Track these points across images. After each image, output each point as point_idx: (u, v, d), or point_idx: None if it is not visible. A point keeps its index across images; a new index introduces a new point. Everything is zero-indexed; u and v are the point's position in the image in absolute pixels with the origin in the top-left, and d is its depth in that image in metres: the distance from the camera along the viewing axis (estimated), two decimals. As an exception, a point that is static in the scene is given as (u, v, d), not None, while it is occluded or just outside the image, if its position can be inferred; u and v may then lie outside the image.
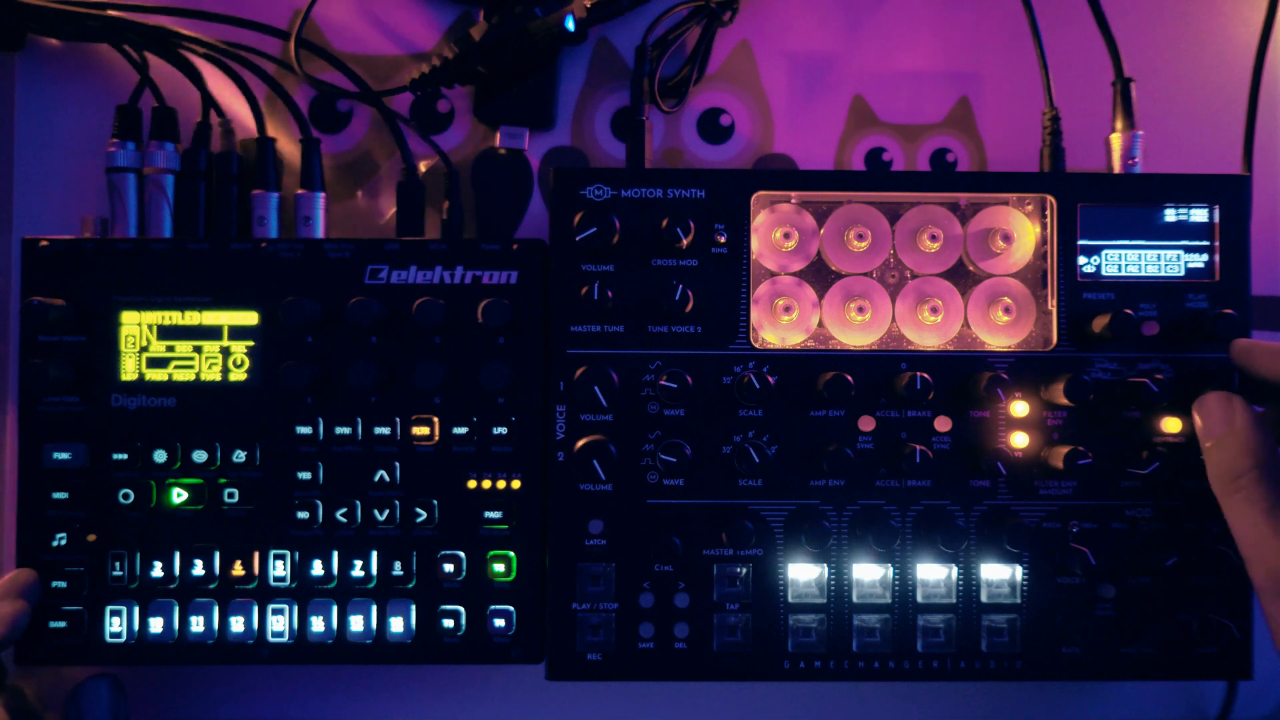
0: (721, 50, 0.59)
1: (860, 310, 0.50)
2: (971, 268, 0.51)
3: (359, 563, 0.50)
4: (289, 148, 0.56)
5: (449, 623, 0.50)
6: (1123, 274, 0.50)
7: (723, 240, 0.50)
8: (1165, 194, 0.50)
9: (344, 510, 0.50)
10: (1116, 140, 0.53)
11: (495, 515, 0.50)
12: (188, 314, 0.50)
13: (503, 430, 0.50)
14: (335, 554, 0.50)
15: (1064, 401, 0.48)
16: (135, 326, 0.50)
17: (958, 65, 0.59)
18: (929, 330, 0.51)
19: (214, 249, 0.50)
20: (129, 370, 0.50)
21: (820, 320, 0.51)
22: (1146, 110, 0.55)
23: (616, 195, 0.50)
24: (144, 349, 0.50)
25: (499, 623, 0.50)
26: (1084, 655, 0.50)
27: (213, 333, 0.50)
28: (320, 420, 0.50)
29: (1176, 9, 0.59)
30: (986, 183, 0.51)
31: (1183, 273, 0.50)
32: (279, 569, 0.50)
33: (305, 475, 0.50)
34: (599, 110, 0.59)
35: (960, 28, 0.59)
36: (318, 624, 0.50)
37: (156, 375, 0.50)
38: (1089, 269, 0.50)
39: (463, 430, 0.50)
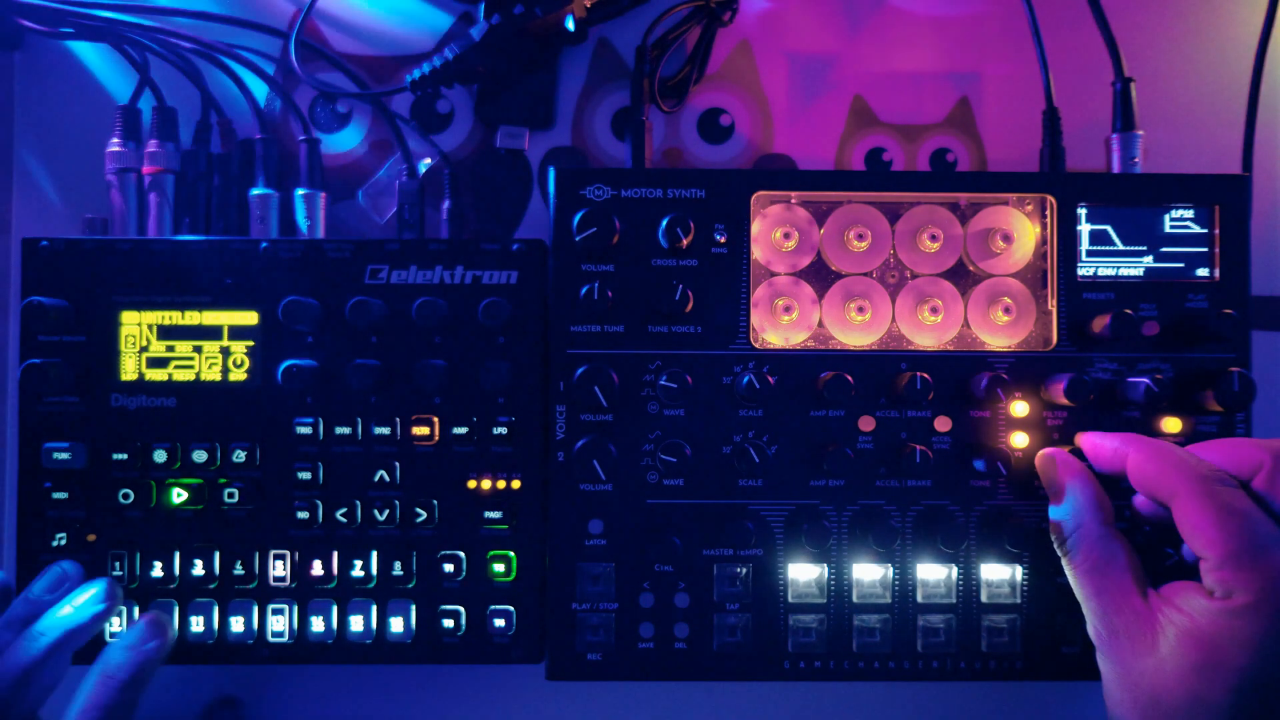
0: (721, 50, 0.59)
1: (860, 310, 0.50)
2: (971, 268, 0.51)
3: (359, 563, 0.50)
4: (289, 148, 0.56)
5: (449, 623, 0.50)
6: (1123, 274, 0.50)
7: (723, 240, 0.50)
8: (1165, 194, 0.50)
9: (344, 510, 0.50)
10: (1116, 140, 0.53)
11: (495, 515, 0.50)
12: (188, 314, 0.50)
13: (503, 430, 0.50)
14: (335, 554, 0.50)
15: (1064, 401, 0.48)
16: (135, 326, 0.50)
17: (958, 65, 0.59)
18: (929, 330, 0.51)
19: (214, 249, 0.50)
20: (129, 370, 0.50)
21: (820, 320, 0.51)
22: (1146, 110, 0.55)
23: (616, 195, 0.50)
24: (144, 349, 0.50)
25: (499, 623, 0.50)
26: (1084, 655, 0.50)
27: (213, 333, 0.50)
28: (320, 420, 0.50)
29: (1176, 9, 0.59)
30: (986, 183, 0.51)
31: (1183, 273, 0.50)
32: (279, 569, 0.50)
33: (305, 475, 0.50)
34: (599, 110, 0.59)
35: (960, 28, 0.59)
36: (318, 624, 0.50)
37: (156, 375, 0.50)
38: (1088, 269, 0.50)
39: (463, 430, 0.50)
